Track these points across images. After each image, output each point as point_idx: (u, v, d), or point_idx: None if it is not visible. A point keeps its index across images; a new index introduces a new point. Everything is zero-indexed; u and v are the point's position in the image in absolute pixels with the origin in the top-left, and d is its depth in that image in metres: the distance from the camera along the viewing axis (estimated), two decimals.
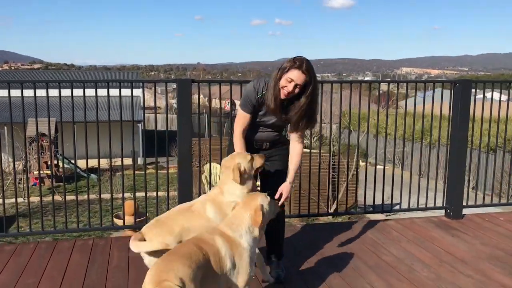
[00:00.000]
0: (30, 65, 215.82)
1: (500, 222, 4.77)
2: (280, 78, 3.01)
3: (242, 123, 3.16)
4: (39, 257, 3.80)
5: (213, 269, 2.41)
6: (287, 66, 3.00)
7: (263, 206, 2.66)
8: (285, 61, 3.06)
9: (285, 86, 2.99)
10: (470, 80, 4.80)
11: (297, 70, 2.97)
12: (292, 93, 3.01)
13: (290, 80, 2.97)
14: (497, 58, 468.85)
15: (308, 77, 2.99)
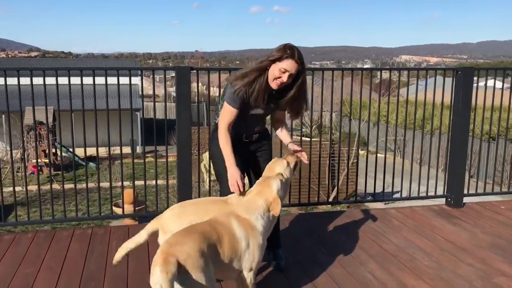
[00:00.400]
0: (27, 53, 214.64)
1: (501, 211, 4.75)
2: (266, 69, 2.91)
3: (229, 118, 3.00)
4: (38, 246, 3.77)
5: (227, 250, 2.43)
6: (278, 56, 2.88)
7: (279, 192, 2.73)
8: (274, 50, 2.93)
9: (278, 77, 2.89)
10: (472, 67, 4.75)
11: (290, 59, 2.86)
12: (285, 83, 2.93)
13: (284, 70, 2.87)
14: (496, 45, 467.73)
15: (300, 66, 2.91)
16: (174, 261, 2.09)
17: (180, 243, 2.23)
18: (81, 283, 3.18)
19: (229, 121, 3.00)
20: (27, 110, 13.38)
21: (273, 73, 2.90)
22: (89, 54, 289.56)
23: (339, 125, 11.73)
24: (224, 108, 3.01)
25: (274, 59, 2.88)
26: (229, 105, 2.98)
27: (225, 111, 3.01)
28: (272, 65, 2.90)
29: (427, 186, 4.99)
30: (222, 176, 3.10)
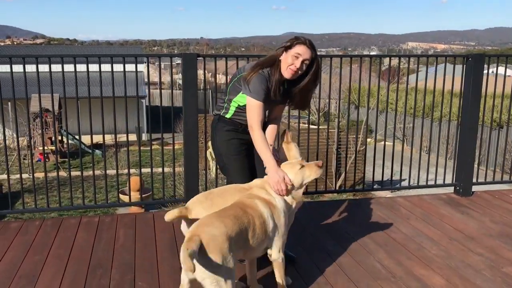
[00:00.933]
0: (32, 40, 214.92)
1: (510, 199, 4.71)
2: (280, 55, 2.86)
3: (260, 114, 2.84)
4: (45, 234, 3.78)
5: (258, 231, 2.50)
6: (289, 44, 2.83)
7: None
8: (283, 42, 2.89)
9: (291, 64, 2.82)
10: (482, 54, 4.67)
11: (302, 45, 2.81)
12: (300, 70, 2.84)
13: (297, 55, 2.80)
14: (504, 32, 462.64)
15: (313, 52, 2.85)
16: (197, 240, 2.15)
17: (208, 224, 2.30)
18: (88, 270, 3.18)
19: (261, 118, 2.85)
20: (33, 98, 13.43)
21: (286, 60, 2.83)
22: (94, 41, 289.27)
23: (346, 113, 11.69)
24: (251, 104, 2.85)
25: (285, 46, 2.84)
26: (255, 100, 2.83)
27: (253, 108, 2.84)
28: (284, 54, 2.85)
29: (435, 174, 4.95)
30: (229, 169, 3.07)
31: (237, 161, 3.05)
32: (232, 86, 3.01)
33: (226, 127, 3.05)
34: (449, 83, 4.91)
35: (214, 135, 3.13)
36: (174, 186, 4.66)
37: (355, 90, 13.32)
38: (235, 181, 3.00)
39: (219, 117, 3.09)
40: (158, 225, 3.98)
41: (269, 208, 2.61)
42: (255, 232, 2.49)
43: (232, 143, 3.04)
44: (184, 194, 4.31)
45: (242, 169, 3.05)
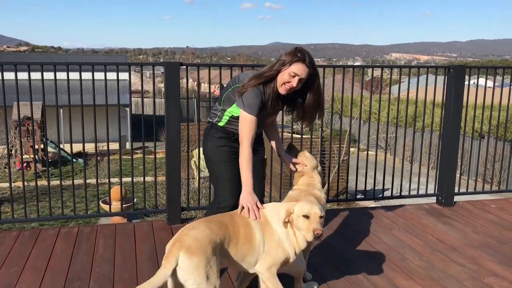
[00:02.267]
0: (16, 47, 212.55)
1: (491, 210, 4.74)
2: (278, 73, 2.76)
3: (252, 130, 2.76)
4: (22, 245, 3.68)
5: (242, 240, 2.48)
6: (288, 60, 2.73)
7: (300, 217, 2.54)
8: (283, 54, 2.79)
9: (288, 82, 2.74)
10: (464, 65, 4.72)
11: (301, 63, 2.71)
12: (295, 89, 2.78)
13: (293, 74, 2.72)
14: (485, 44, 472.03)
15: (312, 70, 2.76)
16: (176, 255, 2.22)
17: (193, 227, 2.36)
18: (66, 282, 3.10)
19: (253, 134, 2.77)
20: (15, 105, 13.22)
21: (282, 77, 2.75)
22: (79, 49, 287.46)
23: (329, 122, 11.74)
24: (244, 119, 2.76)
25: (283, 63, 2.74)
26: (249, 114, 2.75)
27: (246, 122, 2.76)
28: (282, 69, 2.76)
29: (418, 184, 4.97)
30: (219, 177, 2.99)
31: (227, 169, 2.95)
32: (226, 96, 2.94)
33: (218, 134, 2.99)
34: (431, 94, 4.95)
35: (205, 142, 3.06)
36: (155, 196, 4.59)
37: (339, 100, 13.40)
38: (224, 191, 2.94)
39: (212, 125, 3.03)
40: (138, 236, 3.91)
41: (261, 222, 2.57)
42: (239, 240, 2.47)
43: (223, 150, 2.96)
44: (166, 203, 4.25)
45: (232, 178, 2.93)
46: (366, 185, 4.87)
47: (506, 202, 5.01)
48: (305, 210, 2.48)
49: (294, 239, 2.55)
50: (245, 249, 2.49)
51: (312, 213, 2.47)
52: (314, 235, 2.43)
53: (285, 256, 2.55)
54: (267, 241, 2.55)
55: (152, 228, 4.10)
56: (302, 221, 2.47)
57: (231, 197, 2.93)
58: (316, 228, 2.43)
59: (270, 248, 2.54)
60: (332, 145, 10.59)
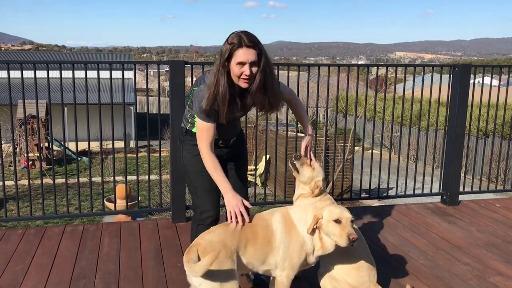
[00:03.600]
0: (20, 46, 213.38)
1: (496, 209, 4.73)
2: (226, 68, 2.48)
3: (208, 136, 2.56)
4: (28, 243, 3.70)
5: (260, 241, 2.45)
6: (227, 52, 2.43)
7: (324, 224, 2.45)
8: (221, 50, 2.49)
9: (240, 74, 2.46)
10: (469, 64, 4.71)
11: (241, 48, 2.41)
12: (252, 76, 2.47)
13: (240, 63, 2.43)
14: (490, 43, 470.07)
15: (255, 48, 2.44)
16: (194, 250, 2.25)
17: (210, 231, 2.41)
18: (71, 280, 3.11)
19: (210, 139, 2.57)
20: (20, 104, 13.27)
21: (234, 72, 2.47)
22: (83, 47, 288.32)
23: (334, 121, 11.70)
24: (198, 126, 2.58)
25: (225, 58, 2.46)
26: (203, 122, 2.55)
27: (201, 129, 2.57)
28: (228, 64, 2.48)
29: (422, 183, 4.96)
30: (196, 187, 2.81)
31: (205, 179, 2.70)
32: (190, 101, 2.70)
33: (193, 141, 2.70)
34: (436, 93, 4.94)
35: (180, 150, 2.85)
36: (160, 194, 4.60)
37: (343, 98, 13.39)
38: (205, 203, 2.79)
39: (186, 130, 2.81)
40: (143, 234, 3.93)
41: (285, 224, 2.49)
42: (257, 241, 2.43)
43: (199, 159, 2.65)
44: (171, 202, 4.26)
45: (210, 189, 2.75)
46: (371, 184, 4.87)
47: (511, 201, 5.00)
48: (335, 215, 2.39)
49: (318, 244, 2.46)
50: (264, 250, 2.45)
51: (344, 218, 2.39)
52: (349, 240, 2.34)
53: (306, 260, 2.51)
54: (291, 243, 2.47)
55: (157, 226, 4.11)
56: (333, 226, 2.38)
57: (212, 208, 2.80)
58: (351, 232, 2.34)
59: (293, 251, 2.47)
60: (336, 144, 10.60)
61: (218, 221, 2.81)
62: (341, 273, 2.68)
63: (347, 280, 2.67)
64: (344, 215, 2.40)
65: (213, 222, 2.81)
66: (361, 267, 2.70)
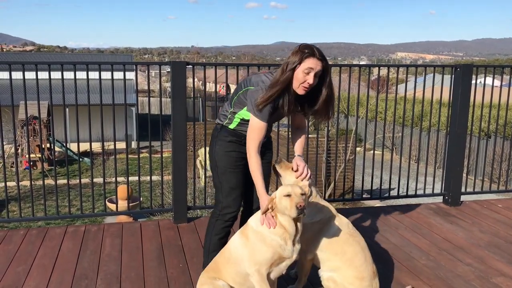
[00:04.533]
0: (22, 47, 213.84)
1: (498, 209, 4.72)
2: (293, 74, 2.60)
3: (260, 135, 2.67)
4: (30, 244, 3.71)
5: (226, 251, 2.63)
6: (297, 59, 2.57)
7: None
8: (290, 55, 2.62)
9: (303, 81, 2.58)
10: (471, 64, 4.70)
11: (312, 58, 2.57)
12: (312, 85, 2.61)
13: (308, 71, 2.56)
14: (492, 43, 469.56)
15: (324, 62, 2.61)
16: None
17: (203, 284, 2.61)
18: (73, 281, 3.11)
19: (261, 139, 2.68)
20: (22, 105, 13.29)
21: (297, 78, 2.60)
22: (84, 48, 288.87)
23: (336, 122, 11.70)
24: (253, 125, 2.67)
25: (295, 66, 2.58)
26: (259, 120, 2.65)
27: (255, 128, 2.66)
28: (295, 70, 2.60)
29: (424, 184, 4.96)
30: (222, 183, 2.88)
31: (233, 177, 2.85)
32: (237, 99, 2.80)
33: (228, 138, 2.85)
34: (438, 93, 4.93)
35: (213, 144, 2.92)
36: (162, 195, 4.60)
37: (345, 99, 13.38)
38: (227, 198, 2.86)
39: (221, 126, 2.90)
40: (145, 235, 3.93)
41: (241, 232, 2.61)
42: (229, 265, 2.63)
43: (231, 156, 2.83)
44: (172, 202, 4.26)
45: (236, 187, 2.86)
46: (372, 184, 4.86)
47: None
48: (286, 190, 2.43)
49: (281, 230, 2.46)
50: (237, 269, 2.52)
51: (293, 192, 2.42)
52: (297, 209, 2.36)
53: (272, 253, 2.46)
54: (249, 244, 2.49)
55: (159, 227, 4.11)
56: (284, 201, 2.41)
57: (234, 205, 2.87)
58: (298, 201, 2.37)
59: (253, 249, 2.48)
60: (338, 145, 10.58)
61: (236, 218, 2.91)
62: (344, 282, 2.69)
63: None
64: (293, 189, 2.43)
65: (232, 219, 2.92)
66: (365, 277, 2.70)
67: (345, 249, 2.72)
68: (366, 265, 2.73)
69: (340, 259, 2.72)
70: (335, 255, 2.73)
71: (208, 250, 2.93)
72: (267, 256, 2.46)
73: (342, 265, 2.71)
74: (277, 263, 2.49)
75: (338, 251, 2.72)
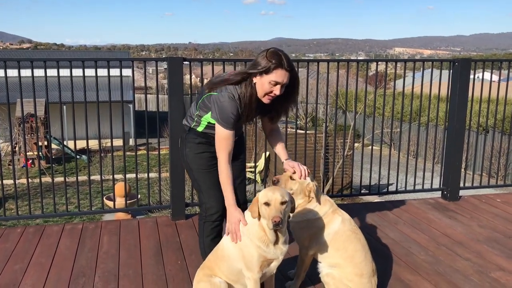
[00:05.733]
0: (19, 44, 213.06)
1: (497, 204, 4.71)
2: (248, 76, 2.56)
3: (229, 144, 2.59)
4: (27, 242, 3.69)
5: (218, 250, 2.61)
6: (263, 66, 2.50)
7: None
8: (258, 58, 2.55)
9: (270, 92, 2.54)
10: (469, 59, 4.68)
11: (279, 69, 2.49)
12: (278, 95, 2.58)
13: (274, 83, 2.51)
14: (489, 38, 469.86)
15: (291, 73, 2.55)
16: None
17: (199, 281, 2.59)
18: (71, 279, 3.10)
19: (230, 148, 2.60)
20: (19, 102, 13.24)
21: (263, 88, 2.54)
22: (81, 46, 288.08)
23: (334, 117, 11.68)
24: (220, 134, 2.59)
25: (261, 71, 2.52)
26: (226, 129, 2.57)
27: (223, 137, 2.58)
28: (259, 79, 2.55)
29: (423, 178, 4.95)
30: (200, 185, 2.84)
31: (209, 177, 2.78)
32: (201, 102, 2.71)
33: (197, 139, 2.78)
34: (436, 88, 4.91)
35: (183, 148, 2.86)
36: (159, 192, 4.58)
37: (343, 95, 13.37)
38: (209, 199, 2.82)
39: (189, 129, 2.82)
40: (143, 232, 3.91)
41: None
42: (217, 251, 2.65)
43: (202, 157, 2.78)
44: (170, 199, 4.24)
45: (214, 185, 2.76)
46: (371, 180, 4.85)
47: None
48: (266, 198, 2.31)
49: (261, 233, 2.37)
50: (230, 265, 2.50)
51: (272, 200, 2.29)
52: (272, 223, 2.24)
53: (257, 255, 2.40)
54: (241, 245, 2.45)
55: (157, 224, 4.09)
56: (264, 209, 2.31)
57: (217, 204, 2.81)
58: (273, 215, 2.23)
59: (240, 248, 2.45)
60: (336, 140, 10.57)
61: (224, 217, 2.81)
62: (344, 278, 2.68)
63: (350, 286, 2.67)
64: (273, 197, 2.29)
65: (220, 218, 2.86)
66: (364, 274, 2.69)
67: (346, 246, 2.71)
68: (366, 263, 2.72)
69: (341, 255, 2.70)
70: (337, 251, 2.71)
71: (204, 252, 2.90)
72: (254, 257, 2.42)
73: (343, 262, 2.70)
74: (266, 265, 2.45)
75: (340, 247, 2.71)
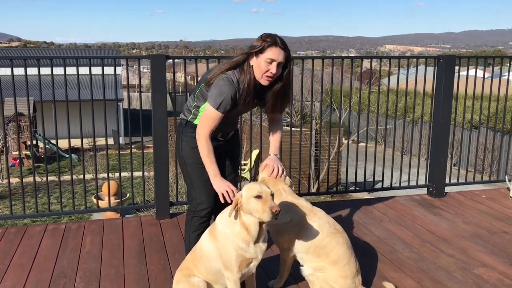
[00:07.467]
0: (7, 43, 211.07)
1: (482, 200, 4.73)
2: (247, 57, 2.58)
3: (213, 124, 2.61)
4: (8, 242, 3.64)
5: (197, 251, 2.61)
6: (259, 45, 2.53)
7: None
8: (252, 44, 2.58)
9: (267, 71, 2.55)
10: (453, 55, 4.69)
11: (274, 47, 2.52)
12: (276, 76, 2.58)
13: (270, 60, 2.52)
14: (478, 35, 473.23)
15: (286, 52, 2.57)
16: None
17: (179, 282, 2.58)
18: (51, 280, 3.06)
19: (213, 128, 2.63)
20: (7, 101, 13.09)
21: (260, 67, 2.56)
22: (71, 44, 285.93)
23: (323, 115, 11.67)
24: (207, 113, 2.60)
25: (256, 50, 2.54)
26: (216, 111, 2.57)
27: (208, 117, 2.60)
28: (255, 60, 2.57)
29: (408, 175, 4.95)
30: (193, 180, 2.84)
31: (202, 172, 2.74)
32: (199, 92, 2.73)
33: (194, 133, 2.73)
34: (423, 85, 4.91)
35: (180, 141, 2.86)
36: (144, 191, 4.54)
37: (335, 92, 13.37)
38: (200, 194, 2.82)
39: (186, 122, 2.83)
40: (126, 232, 3.87)
41: (210, 232, 2.54)
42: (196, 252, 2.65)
43: (198, 151, 2.71)
44: (154, 198, 4.21)
45: (207, 181, 2.72)
46: (358, 177, 4.85)
47: (497, 192, 5.01)
48: (255, 191, 2.29)
49: (244, 232, 2.35)
50: (202, 261, 2.51)
51: (264, 192, 2.28)
52: (272, 214, 2.23)
53: (235, 256, 2.38)
54: (217, 242, 2.43)
55: (141, 223, 4.06)
56: (254, 202, 2.27)
57: (207, 200, 2.83)
58: (273, 206, 2.24)
59: (218, 248, 2.42)
60: (324, 137, 10.57)
61: (213, 214, 2.83)
62: (329, 280, 2.66)
63: (335, 287, 2.65)
64: (264, 189, 2.30)
65: (208, 214, 2.87)
66: (348, 275, 2.67)
67: (327, 252, 2.66)
68: (349, 265, 2.69)
69: (323, 260, 2.67)
70: (318, 257, 2.68)
71: (189, 247, 2.88)
72: (232, 257, 2.39)
73: (326, 265, 2.68)
74: (245, 265, 2.42)
75: (321, 253, 2.67)
